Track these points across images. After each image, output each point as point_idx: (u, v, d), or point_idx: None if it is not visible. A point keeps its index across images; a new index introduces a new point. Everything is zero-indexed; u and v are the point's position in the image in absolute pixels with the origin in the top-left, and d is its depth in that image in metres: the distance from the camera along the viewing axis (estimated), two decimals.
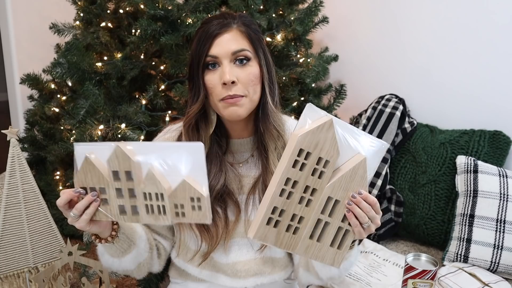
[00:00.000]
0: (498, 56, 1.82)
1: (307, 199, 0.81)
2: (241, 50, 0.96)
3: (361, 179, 0.83)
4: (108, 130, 1.74)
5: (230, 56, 0.95)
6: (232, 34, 0.97)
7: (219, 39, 0.96)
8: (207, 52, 0.95)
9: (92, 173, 0.82)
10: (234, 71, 0.95)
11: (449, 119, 1.96)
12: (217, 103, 0.97)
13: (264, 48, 1.01)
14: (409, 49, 2.09)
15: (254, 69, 0.97)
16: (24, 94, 2.48)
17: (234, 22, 0.98)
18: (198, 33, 0.99)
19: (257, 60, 0.99)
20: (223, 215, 1.02)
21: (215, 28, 0.96)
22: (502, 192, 1.59)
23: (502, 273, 1.55)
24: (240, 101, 0.96)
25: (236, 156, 1.07)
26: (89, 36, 1.98)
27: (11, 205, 1.56)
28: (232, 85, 0.94)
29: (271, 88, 1.02)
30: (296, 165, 0.78)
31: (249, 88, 0.96)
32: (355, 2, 2.26)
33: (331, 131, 0.80)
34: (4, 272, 1.57)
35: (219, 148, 1.03)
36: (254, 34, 0.99)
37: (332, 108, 2.20)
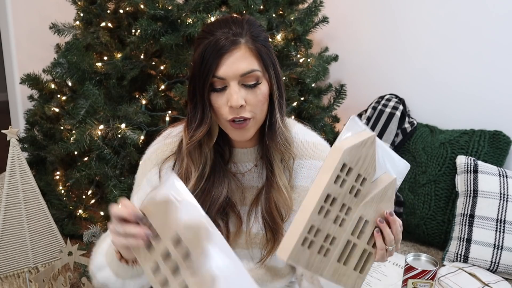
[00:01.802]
0: (498, 56, 1.82)
1: (342, 218, 0.76)
2: (250, 71, 0.88)
3: (389, 200, 0.81)
4: (108, 130, 1.74)
5: (239, 78, 0.88)
6: (240, 53, 0.88)
7: (227, 58, 0.87)
8: (214, 72, 0.87)
9: (161, 217, 0.73)
10: (242, 94, 0.89)
11: (449, 119, 1.96)
12: (224, 122, 0.92)
13: (273, 60, 0.94)
14: (409, 49, 2.09)
15: (263, 89, 0.91)
16: (24, 94, 2.48)
17: (242, 36, 0.89)
18: (202, 45, 0.89)
19: (266, 77, 0.92)
20: (225, 228, 0.98)
21: (222, 44, 0.87)
22: (502, 192, 1.59)
23: (502, 273, 1.55)
24: (247, 125, 0.91)
25: (239, 165, 1.01)
26: (89, 36, 1.98)
27: (11, 205, 1.56)
28: (240, 108, 0.88)
29: (280, 104, 0.95)
30: (337, 181, 0.73)
31: (256, 110, 0.91)
32: (355, 2, 2.26)
33: (372, 147, 0.76)
34: (4, 272, 1.57)
35: (221, 158, 0.99)
36: (263, 48, 0.91)
37: (332, 108, 2.20)
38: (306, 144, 1.02)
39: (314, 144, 1.02)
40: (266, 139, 0.96)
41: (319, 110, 2.09)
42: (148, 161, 1.01)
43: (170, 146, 1.00)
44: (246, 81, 0.89)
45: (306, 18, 2.07)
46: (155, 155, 1.01)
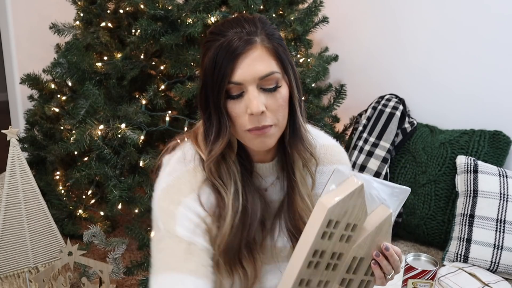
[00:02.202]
0: (498, 56, 1.82)
1: (334, 264, 0.75)
2: (270, 73, 0.80)
3: (386, 233, 0.79)
4: (108, 130, 1.74)
5: (257, 81, 0.79)
6: (257, 54, 0.79)
7: (243, 60, 0.78)
8: (229, 78, 0.78)
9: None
10: (262, 99, 0.80)
11: (449, 119, 1.96)
12: (242, 133, 0.83)
13: (290, 60, 0.85)
14: (409, 49, 2.09)
15: (283, 92, 0.82)
16: (24, 94, 2.48)
17: (257, 34, 0.80)
18: (213, 48, 0.80)
19: (286, 79, 0.83)
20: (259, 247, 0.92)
21: (236, 45, 0.78)
22: (502, 192, 1.59)
23: (502, 273, 1.55)
24: (270, 132, 0.82)
25: (261, 180, 0.93)
26: (89, 36, 1.98)
27: (11, 205, 1.56)
28: (260, 115, 0.80)
29: (301, 107, 0.88)
30: (324, 236, 0.72)
31: (278, 115, 0.82)
32: (355, 2, 2.26)
33: (361, 196, 0.73)
34: (4, 272, 1.57)
35: (246, 171, 0.89)
36: (280, 46, 0.83)
37: (332, 108, 2.20)
38: (322, 149, 0.96)
39: (329, 147, 0.97)
40: (288, 147, 0.88)
41: (319, 110, 2.09)
42: (175, 189, 0.85)
43: (198, 171, 0.87)
44: (265, 85, 0.80)
45: (306, 18, 2.07)
46: (186, 182, 0.86)
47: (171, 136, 2.21)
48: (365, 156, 1.93)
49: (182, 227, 0.82)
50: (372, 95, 2.13)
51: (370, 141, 1.95)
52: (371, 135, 1.96)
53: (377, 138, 1.94)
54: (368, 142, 1.95)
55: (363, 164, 1.91)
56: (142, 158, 1.76)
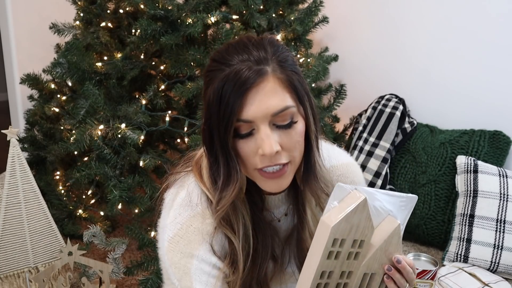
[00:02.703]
0: (498, 56, 1.82)
1: (344, 283, 0.72)
2: (284, 109, 0.71)
3: (396, 245, 0.75)
4: (108, 130, 1.74)
5: (269, 118, 0.71)
6: (269, 87, 0.70)
7: (253, 95, 0.69)
8: (238, 115, 0.69)
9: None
10: (276, 136, 0.72)
11: (449, 119, 1.96)
12: (252, 172, 0.75)
13: (305, 88, 0.76)
14: (409, 49, 2.09)
15: (300, 127, 0.74)
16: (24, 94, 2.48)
17: (268, 63, 0.71)
18: (217, 80, 0.71)
19: (301, 111, 0.74)
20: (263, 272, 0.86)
21: (246, 77, 0.69)
22: (502, 192, 1.59)
23: (502, 273, 1.55)
24: (286, 172, 0.74)
25: (273, 212, 0.86)
26: (89, 36, 1.98)
27: (11, 205, 1.56)
28: (275, 155, 0.72)
29: (317, 140, 0.78)
30: (330, 256, 0.68)
31: (294, 152, 0.74)
32: (355, 2, 2.26)
33: (365, 211, 0.69)
34: (4, 272, 1.57)
35: (256, 208, 0.82)
36: (294, 75, 0.74)
37: (332, 108, 2.20)
38: (336, 170, 0.88)
39: (344, 167, 0.89)
40: (301, 184, 0.80)
41: (319, 110, 2.09)
42: (185, 240, 0.79)
43: (207, 215, 0.79)
44: (279, 121, 0.72)
45: (306, 18, 2.07)
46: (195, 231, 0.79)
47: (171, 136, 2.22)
48: (365, 156, 1.93)
49: (200, 283, 0.78)
50: (372, 95, 2.13)
51: (370, 141, 1.95)
52: (371, 135, 1.96)
53: (377, 138, 1.94)
54: (368, 142, 1.95)
55: (363, 164, 1.91)
56: (142, 158, 1.76)
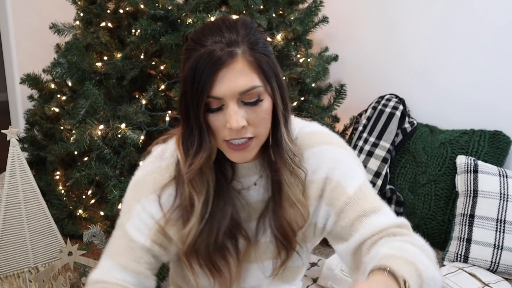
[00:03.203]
0: (498, 57, 1.82)
1: None
2: (251, 88, 0.78)
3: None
4: (108, 130, 1.74)
5: (237, 96, 0.77)
6: (238, 67, 0.77)
7: (223, 74, 0.76)
8: (208, 92, 0.77)
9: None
10: (243, 113, 0.79)
11: (449, 119, 1.96)
12: (221, 143, 0.82)
13: (275, 70, 0.82)
14: (409, 49, 2.09)
15: (266, 105, 0.80)
16: (24, 94, 2.48)
17: (238, 43, 0.77)
18: (192, 58, 0.78)
19: (269, 91, 0.81)
20: (234, 252, 0.91)
21: (216, 58, 0.76)
22: (502, 192, 1.59)
23: (502, 273, 1.55)
24: (250, 145, 0.81)
25: (243, 180, 0.92)
26: (89, 36, 1.98)
27: (11, 205, 1.56)
28: (241, 129, 0.79)
29: (285, 117, 0.85)
30: None
31: (260, 128, 0.81)
32: (355, 2, 2.26)
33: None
34: (4, 272, 1.57)
35: (223, 177, 0.89)
36: (263, 57, 0.80)
37: (332, 108, 2.20)
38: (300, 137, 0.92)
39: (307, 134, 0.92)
40: (272, 153, 0.85)
41: (319, 110, 2.09)
42: (141, 185, 0.90)
43: (168, 170, 0.89)
44: (246, 99, 0.78)
45: (306, 18, 2.07)
46: (153, 180, 0.90)
47: None
48: (365, 156, 1.93)
49: (132, 224, 0.88)
50: (372, 95, 2.13)
51: (370, 141, 1.95)
52: (371, 135, 1.96)
53: (377, 138, 1.94)
54: (368, 142, 1.95)
55: (363, 164, 1.91)
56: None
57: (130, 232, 0.88)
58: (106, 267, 0.89)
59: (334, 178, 0.88)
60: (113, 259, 0.89)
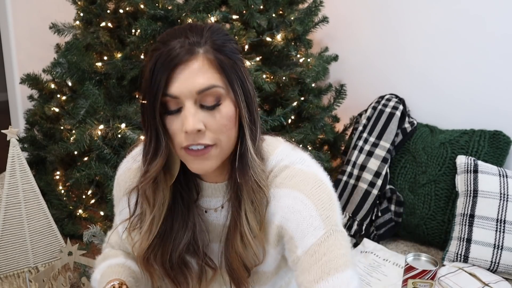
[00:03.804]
0: (498, 56, 1.82)
1: None
2: (209, 87, 0.72)
3: None
4: (108, 130, 1.74)
5: (195, 95, 0.72)
6: (197, 65, 0.72)
7: (180, 72, 0.72)
8: (164, 90, 0.72)
9: None
10: (201, 116, 0.73)
11: (449, 119, 1.96)
12: (180, 151, 0.76)
13: (242, 76, 0.77)
14: (409, 49, 2.09)
15: (227, 110, 0.75)
16: (24, 94, 2.48)
17: (201, 44, 0.73)
18: (153, 58, 0.73)
19: (231, 96, 0.75)
20: (198, 269, 0.88)
21: (174, 55, 0.71)
22: (502, 192, 1.59)
23: (502, 273, 1.55)
24: (209, 153, 0.75)
25: (210, 201, 0.87)
26: (89, 36, 1.98)
27: (11, 205, 1.56)
28: (198, 133, 0.73)
29: (252, 130, 0.78)
30: None
31: (220, 135, 0.75)
32: (355, 2, 2.26)
33: None
34: (4, 272, 1.57)
35: (182, 199, 0.85)
36: (227, 59, 0.75)
37: (332, 108, 2.20)
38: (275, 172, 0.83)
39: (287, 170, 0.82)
40: (237, 174, 0.78)
41: (319, 110, 2.09)
42: (118, 187, 0.93)
43: (137, 174, 0.86)
44: (205, 101, 0.73)
45: (306, 18, 2.07)
46: (124, 182, 0.90)
47: None
48: (365, 156, 1.93)
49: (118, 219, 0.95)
50: (372, 95, 2.13)
51: (370, 141, 1.95)
52: (371, 135, 1.96)
53: (377, 138, 1.94)
54: (368, 142, 1.95)
55: (363, 164, 1.91)
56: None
57: (117, 223, 0.95)
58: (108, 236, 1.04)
59: (288, 230, 0.79)
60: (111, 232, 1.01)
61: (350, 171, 1.94)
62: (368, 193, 1.85)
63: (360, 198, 1.85)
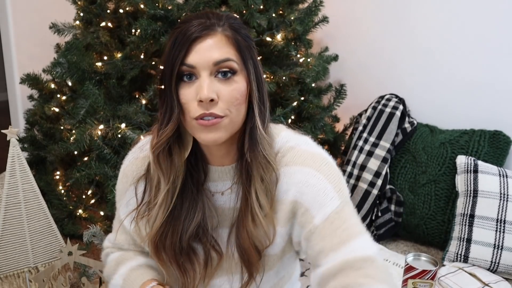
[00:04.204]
0: (498, 56, 1.82)
1: None
2: (225, 60, 0.78)
3: None
4: (108, 130, 1.74)
5: (211, 67, 0.77)
6: (215, 40, 0.78)
7: (199, 44, 0.77)
8: (182, 59, 0.77)
9: None
10: (215, 86, 0.77)
11: (449, 119, 1.96)
12: (191, 121, 0.79)
13: (254, 59, 0.83)
14: (409, 49, 2.09)
15: (240, 85, 0.79)
16: (24, 94, 2.48)
17: (220, 24, 0.79)
18: (174, 34, 0.79)
19: (244, 74, 0.80)
20: (204, 255, 0.90)
21: (194, 30, 0.77)
22: (502, 192, 1.59)
23: (502, 273, 1.55)
24: (219, 123, 0.78)
25: (217, 185, 0.90)
26: (89, 36, 1.98)
27: (11, 205, 1.56)
28: (210, 103, 0.77)
29: (261, 109, 0.83)
30: None
31: (231, 108, 0.79)
32: (355, 2, 2.26)
33: None
34: (4, 272, 1.57)
35: (192, 179, 0.88)
36: (243, 40, 0.81)
37: (332, 108, 2.20)
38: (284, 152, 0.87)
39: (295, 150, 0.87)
40: (247, 152, 0.82)
41: (319, 110, 2.09)
42: (124, 178, 0.94)
43: (144, 163, 0.90)
44: (219, 73, 0.78)
45: (306, 18, 2.07)
46: (131, 171, 0.93)
47: None
48: (365, 156, 1.93)
49: (123, 212, 0.96)
50: (372, 95, 2.13)
51: (370, 141, 1.95)
52: (371, 135, 1.96)
53: (377, 138, 1.94)
54: (368, 142, 1.95)
55: (363, 164, 1.91)
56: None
57: (122, 217, 0.96)
58: (111, 238, 1.02)
59: (304, 203, 0.83)
60: (115, 235, 1.00)
61: (350, 171, 1.94)
62: (368, 193, 1.85)
63: (360, 198, 1.86)
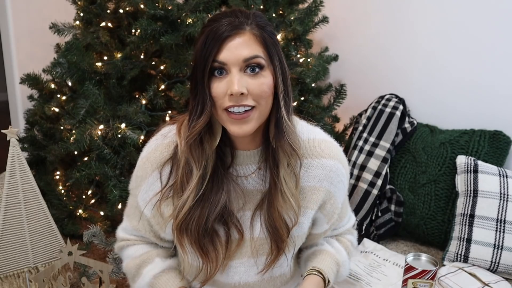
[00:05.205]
0: (498, 56, 1.82)
1: None
2: (254, 57, 0.84)
3: None
4: (108, 130, 1.74)
5: (241, 63, 0.84)
6: (244, 38, 0.85)
7: (230, 43, 0.84)
8: (214, 57, 0.84)
9: None
10: (244, 81, 0.84)
11: (449, 119, 1.96)
12: (221, 113, 0.87)
13: (280, 55, 0.89)
14: (409, 49, 2.09)
15: (267, 79, 0.86)
16: (24, 94, 2.48)
17: (248, 23, 0.86)
18: (205, 32, 0.86)
19: (271, 69, 0.87)
20: (225, 237, 0.95)
21: (225, 29, 0.84)
22: (502, 192, 1.59)
23: (502, 273, 1.55)
24: (249, 116, 0.85)
25: (241, 168, 0.96)
26: (89, 36, 1.98)
27: (11, 205, 1.56)
28: (240, 97, 0.84)
29: (286, 101, 0.90)
30: None
31: (260, 100, 0.86)
32: (355, 2, 2.26)
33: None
34: (4, 272, 1.57)
35: (221, 162, 0.94)
36: (269, 38, 0.88)
37: (332, 108, 2.20)
38: (312, 142, 0.97)
39: (319, 141, 0.98)
40: (274, 140, 0.90)
41: (319, 110, 2.09)
42: (148, 163, 0.97)
43: (169, 149, 0.96)
44: (248, 69, 0.85)
45: (306, 18, 2.07)
46: (154, 157, 0.97)
47: None
48: (365, 156, 1.93)
49: (141, 198, 0.99)
50: (372, 95, 2.13)
51: (370, 141, 1.95)
52: (371, 135, 1.96)
53: (377, 138, 1.94)
54: (368, 142, 1.95)
55: (363, 164, 1.91)
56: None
57: (140, 204, 0.99)
58: (127, 227, 1.06)
59: (334, 194, 1.00)
60: (131, 222, 1.04)
61: (350, 171, 1.94)
62: (368, 193, 1.85)
63: (360, 198, 1.86)
